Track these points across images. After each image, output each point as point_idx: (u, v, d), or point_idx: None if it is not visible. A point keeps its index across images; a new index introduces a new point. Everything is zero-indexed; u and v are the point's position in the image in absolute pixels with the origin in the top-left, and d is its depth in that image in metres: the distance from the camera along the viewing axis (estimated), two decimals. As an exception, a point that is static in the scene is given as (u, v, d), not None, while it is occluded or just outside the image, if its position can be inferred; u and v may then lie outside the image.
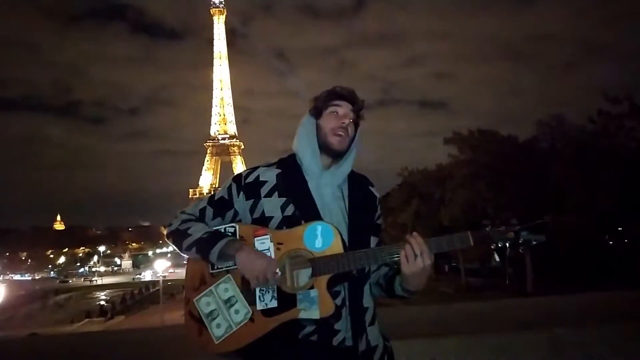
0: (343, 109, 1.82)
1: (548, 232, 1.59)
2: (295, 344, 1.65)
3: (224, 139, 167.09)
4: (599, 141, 31.74)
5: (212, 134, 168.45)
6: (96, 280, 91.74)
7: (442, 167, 41.18)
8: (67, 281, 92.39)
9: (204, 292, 1.73)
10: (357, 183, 1.88)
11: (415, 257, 1.61)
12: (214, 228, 1.78)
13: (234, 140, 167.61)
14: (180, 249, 1.76)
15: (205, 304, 1.72)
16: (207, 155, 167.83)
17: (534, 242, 1.62)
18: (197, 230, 1.74)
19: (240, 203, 1.79)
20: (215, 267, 1.73)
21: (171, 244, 1.80)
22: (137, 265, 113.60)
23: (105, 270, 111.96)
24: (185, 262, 1.84)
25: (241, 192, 1.79)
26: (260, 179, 1.79)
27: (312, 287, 1.62)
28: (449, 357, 2.52)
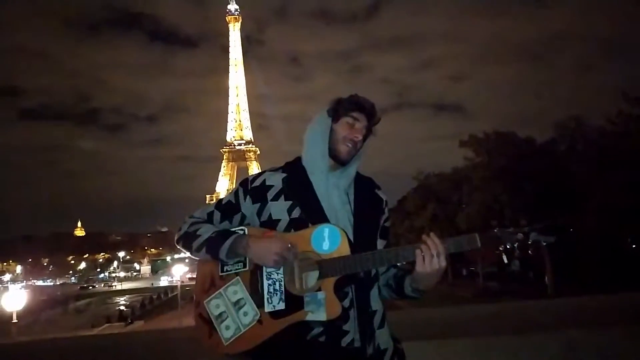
0: (360, 122, 1.85)
1: (558, 233, 1.57)
2: (303, 345, 1.67)
3: (240, 144, 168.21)
4: (619, 142, 31.08)
5: (228, 139, 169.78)
6: (115, 286, 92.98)
7: (459, 170, 40.73)
8: (94, 286, 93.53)
9: (214, 294, 1.76)
10: (363, 186, 1.90)
11: (431, 257, 1.62)
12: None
13: (250, 145, 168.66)
14: (190, 251, 1.79)
15: (214, 306, 1.75)
16: (223, 161, 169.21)
17: (544, 243, 1.61)
18: (206, 231, 1.77)
19: (247, 207, 1.82)
20: (225, 269, 1.76)
21: (181, 247, 1.84)
22: (155, 270, 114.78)
23: (124, 276, 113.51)
24: None
25: (248, 196, 1.82)
26: (267, 183, 1.82)
27: (319, 289, 1.64)
28: (462, 359, 2.50)
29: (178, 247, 1.85)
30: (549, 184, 30.80)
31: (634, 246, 37.23)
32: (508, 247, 1.66)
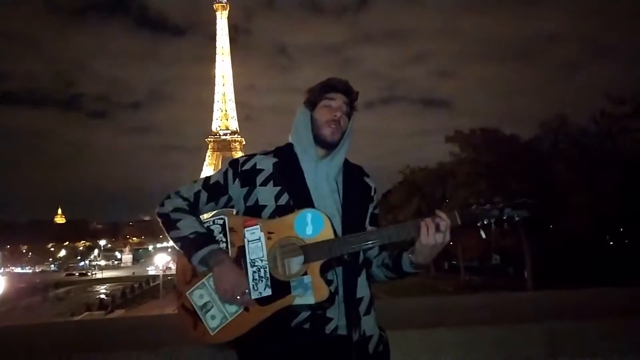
0: (336, 101, 1.85)
1: (530, 208, 1.67)
2: (287, 332, 1.66)
3: (225, 134, 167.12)
4: (601, 142, 31.67)
5: (213, 129, 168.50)
6: (95, 274, 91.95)
7: (444, 165, 41.12)
8: (74, 274, 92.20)
9: (197, 284, 1.73)
10: (352, 174, 1.90)
11: (436, 230, 1.64)
12: (205, 223, 1.78)
13: (236, 135, 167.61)
14: (167, 234, 1.77)
15: (198, 296, 1.72)
16: (208, 150, 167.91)
17: (517, 218, 1.68)
18: (186, 226, 1.74)
19: (235, 189, 1.80)
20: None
21: (160, 223, 1.80)
22: (137, 259, 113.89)
23: (105, 264, 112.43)
24: None
25: (237, 179, 1.80)
26: (257, 167, 1.80)
27: (305, 274, 1.63)
28: (444, 348, 2.51)
29: (157, 219, 1.80)
30: (533, 181, 31.27)
31: (612, 243, 38.07)
32: (485, 223, 1.69)
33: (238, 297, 1.65)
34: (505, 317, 2.87)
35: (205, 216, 1.83)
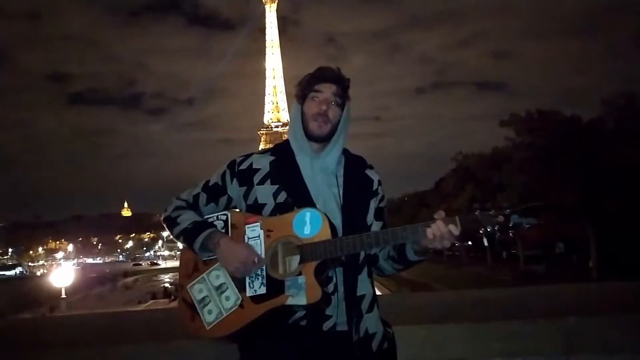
0: (324, 93, 1.80)
1: (540, 215, 1.56)
2: (284, 329, 1.68)
3: (277, 126, 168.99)
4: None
5: (265, 122, 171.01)
6: (159, 264, 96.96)
7: (499, 150, 39.56)
8: (141, 264, 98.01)
9: (197, 279, 1.79)
10: (353, 167, 1.86)
11: (442, 238, 1.59)
12: (205, 216, 1.83)
13: (287, 127, 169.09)
14: (172, 235, 1.83)
15: (197, 290, 1.78)
16: (261, 142, 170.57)
17: (527, 226, 1.58)
18: (185, 220, 1.79)
19: (234, 189, 1.82)
20: (208, 254, 1.78)
21: (166, 229, 1.87)
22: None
23: (169, 255, 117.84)
24: None
25: (234, 179, 1.82)
26: (254, 167, 1.81)
27: (300, 274, 1.64)
28: (453, 344, 2.45)
29: (164, 227, 1.87)
30: (595, 165, 29.46)
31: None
32: (489, 230, 1.59)
33: (251, 268, 1.66)
34: (518, 312, 2.77)
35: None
